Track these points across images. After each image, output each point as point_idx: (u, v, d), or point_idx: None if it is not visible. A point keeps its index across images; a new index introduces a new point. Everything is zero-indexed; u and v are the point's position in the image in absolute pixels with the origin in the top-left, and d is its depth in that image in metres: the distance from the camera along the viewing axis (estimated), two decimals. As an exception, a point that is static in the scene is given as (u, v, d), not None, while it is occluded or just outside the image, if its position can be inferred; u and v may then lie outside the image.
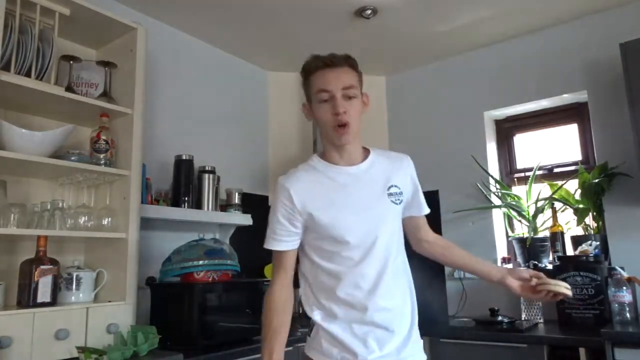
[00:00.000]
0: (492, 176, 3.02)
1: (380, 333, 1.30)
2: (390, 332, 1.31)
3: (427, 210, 1.52)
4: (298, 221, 1.34)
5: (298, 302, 2.91)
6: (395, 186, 1.40)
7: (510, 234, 3.01)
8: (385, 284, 1.31)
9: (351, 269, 1.31)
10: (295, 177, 1.37)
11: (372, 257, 1.32)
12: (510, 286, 1.43)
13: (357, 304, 1.30)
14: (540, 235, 2.80)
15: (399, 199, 1.39)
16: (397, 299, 1.34)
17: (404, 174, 1.44)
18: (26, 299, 1.71)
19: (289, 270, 1.38)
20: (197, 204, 2.55)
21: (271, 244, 1.36)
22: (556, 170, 2.94)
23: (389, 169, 1.41)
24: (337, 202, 1.33)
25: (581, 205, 2.65)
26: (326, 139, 1.38)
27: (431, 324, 2.65)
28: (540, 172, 2.94)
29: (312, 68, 1.35)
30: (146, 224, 2.18)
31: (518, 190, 3.03)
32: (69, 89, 1.97)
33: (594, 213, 2.61)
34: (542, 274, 1.41)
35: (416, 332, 1.39)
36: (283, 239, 1.35)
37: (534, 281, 1.39)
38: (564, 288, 1.35)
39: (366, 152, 1.43)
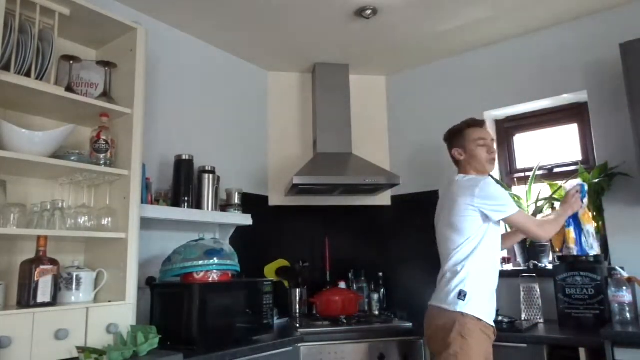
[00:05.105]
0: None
1: None
2: None
3: None
4: None
5: (298, 299, 2.92)
6: None
7: (510, 234, 3.00)
8: None
9: None
10: None
11: None
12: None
13: None
14: (540, 235, 2.79)
15: None
16: None
17: None
18: (26, 299, 1.70)
19: None
20: (197, 204, 2.55)
21: None
22: (556, 170, 2.94)
23: None
24: None
25: (581, 205, 2.64)
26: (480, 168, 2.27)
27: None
28: (540, 172, 2.94)
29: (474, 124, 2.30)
30: (146, 224, 2.18)
31: (518, 190, 3.03)
32: (69, 89, 1.97)
33: (594, 213, 2.61)
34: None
35: None
36: None
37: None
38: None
39: None
